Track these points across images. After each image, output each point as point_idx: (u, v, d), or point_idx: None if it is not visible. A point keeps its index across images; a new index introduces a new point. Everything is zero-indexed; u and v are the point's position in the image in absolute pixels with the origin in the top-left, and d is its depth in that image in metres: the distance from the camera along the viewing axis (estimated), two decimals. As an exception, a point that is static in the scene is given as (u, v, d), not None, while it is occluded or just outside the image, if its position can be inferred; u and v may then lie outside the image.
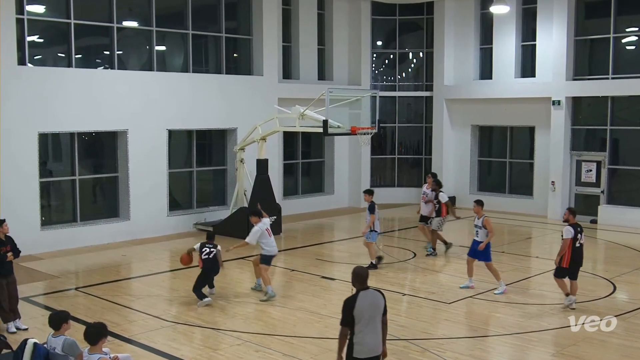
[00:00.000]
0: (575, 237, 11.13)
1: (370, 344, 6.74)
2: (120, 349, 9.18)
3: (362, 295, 6.81)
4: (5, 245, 10.07)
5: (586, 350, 9.34)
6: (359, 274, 6.97)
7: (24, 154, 15.21)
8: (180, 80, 18.15)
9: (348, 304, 6.78)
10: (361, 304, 6.73)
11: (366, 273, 7.02)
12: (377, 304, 6.85)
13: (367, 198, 14.01)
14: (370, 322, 6.74)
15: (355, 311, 6.70)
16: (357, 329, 6.70)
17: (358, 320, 6.69)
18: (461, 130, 23.05)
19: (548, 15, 20.35)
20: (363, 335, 6.70)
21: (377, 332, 6.81)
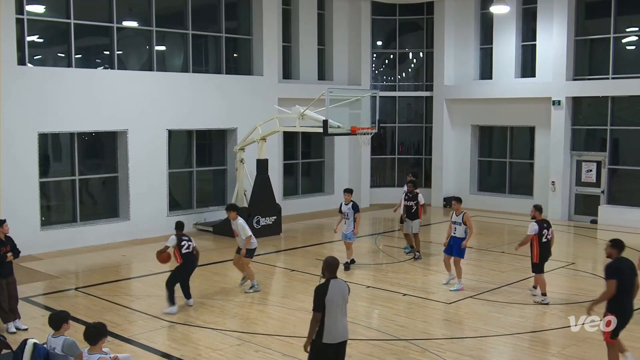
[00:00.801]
0: (541, 233, 11.54)
1: (338, 329, 7.22)
2: (120, 349, 9.18)
3: (332, 284, 7.23)
4: (5, 245, 10.07)
5: (586, 350, 9.34)
6: (331, 263, 7.37)
7: (24, 154, 15.20)
8: (180, 80, 18.15)
9: (320, 290, 7.17)
10: (332, 292, 7.17)
11: (337, 263, 7.44)
12: (344, 292, 7.35)
13: (350, 198, 13.91)
14: (338, 309, 7.19)
15: (327, 297, 7.11)
16: (327, 315, 7.11)
17: (329, 307, 7.11)
18: (461, 130, 23.05)
19: (548, 15, 20.34)
20: (332, 322, 7.12)
21: (344, 319, 7.31)
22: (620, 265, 8.13)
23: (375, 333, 10.17)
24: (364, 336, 9.99)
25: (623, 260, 8.21)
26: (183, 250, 11.17)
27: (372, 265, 14.83)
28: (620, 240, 8.37)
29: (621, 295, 7.98)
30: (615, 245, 8.26)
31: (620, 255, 8.22)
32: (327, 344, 7.17)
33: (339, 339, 7.27)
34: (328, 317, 7.13)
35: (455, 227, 12.42)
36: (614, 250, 8.25)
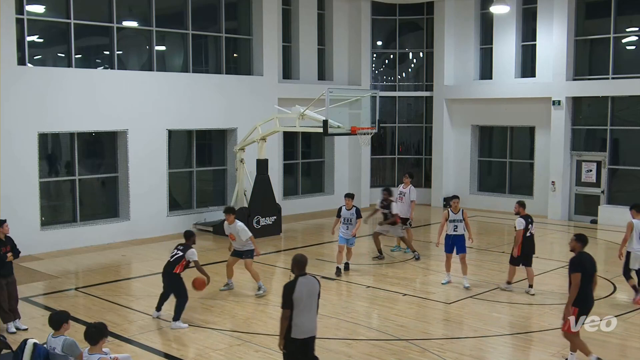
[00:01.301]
0: (526, 228, 12.00)
1: (307, 325, 7.40)
2: (120, 349, 9.18)
3: (300, 281, 7.35)
4: (5, 245, 10.07)
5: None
6: (299, 260, 7.49)
7: (24, 154, 15.20)
8: (180, 80, 18.15)
9: (288, 288, 7.31)
10: (300, 289, 7.29)
11: (306, 260, 7.54)
12: (314, 289, 7.44)
13: (351, 203, 13.69)
14: (307, 305, 7.34)
15: (294, 295, 7.25)
16: (295, 312, 7.28)
17: (297, 303, 7.27)
18: (461, 130, 23.05)
19: (548, 15, 20.35)
20: (300, 318, 7.30)
21: (313, 315, 7.47)
22: (582, 259, 8.49)
23: (375, 333, 10.17)
24: (364, 336, 9.99)
25: (585, 255, 8.59)
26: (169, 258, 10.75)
27: (372, 265, 14.82)
28: (584, 235, 8.80)
29: (583, 287, 8.33)
30: (580, 240, 8.66)
31: (583, 250, 8.60)
32: (295, 338, 7.37)
33: (307, 335, 7.45)
34: (296, 314, 7.30)
35: (456, 225, 12.58)
36: (578, 244, 8.63)
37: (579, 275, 8.29)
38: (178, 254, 10.62)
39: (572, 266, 8.43)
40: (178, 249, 10.74)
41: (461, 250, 12.66)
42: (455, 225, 12.57)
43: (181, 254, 10.61)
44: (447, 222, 12.68)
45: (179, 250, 10.71)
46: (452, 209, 12.62)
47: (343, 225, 13.62)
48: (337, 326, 10.41)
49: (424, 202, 23.49)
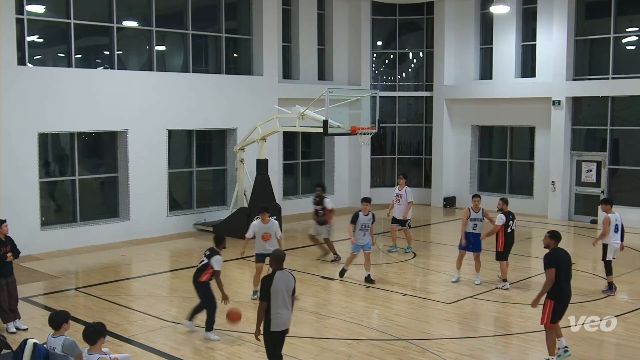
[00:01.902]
0: (507, 224, 12.36)
1: (283, 318, 7.66)
2: (120, 349, 9.18)
3: (278, 275, 7.67)
4: (5, 245, 10.07)
5: (586, 350, 9.35)
6: (277, 255, 7.85)
7: (24, 154, 15.20)
8: (180, 80, 18.15)
9: (266, 281, 7.62)
10: (277, 282, 7.59)
11: (283, 255, 7.92)
12: (290, 284, 7.74)
13: (368, 207, 13.01)
14: (283, 299, 7.62)
15: (272, 288, 7.54)
16: (273, 306, 7.56)
17: (275, 297, 7.55)
18: (461, 130, 23.05)
19: (548, 15, 20.35)
20: (278, 311, 7.59)
21: (289, 309, 7.72)
22: (557, 255, 8.69)
23: (375, 333, 10.17)
24: (364, 336, 9.99)
25: (559, 250, 8.78)
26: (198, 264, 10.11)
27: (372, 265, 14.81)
28: (558, 232, 8.95)
29: (559, 281, 8.56)
30: (553, 237, 8.84)
31: (557, 246, 8.79)
32: (273, 331, 7.66)
33: (282, 327, 7.72)
34: (274, 306, 7.57)
35: (475, 224, 12.75)
36: (551, 240, 8.81)
37: (554, 271, 8.52)
38: (204, 261, 9.86)
39: (547, 262, 8.65)
40: (205, 255, 9.96)
41: (478, 249, 12.82)
42: (475, 223, 12.73)
43: (207, 261, 9.83)
44: (467, 221, 12.76)
45: (206, 256, 9.93)
46: (472, 208, 12.77)
47: (360, 231, 12.88)
48: (337, 326, 10.42)
49: (423, 202, 23.51)
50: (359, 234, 12.87)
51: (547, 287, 8.59)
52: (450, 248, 15.84)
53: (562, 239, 8.97)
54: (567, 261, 8.79)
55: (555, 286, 8.55)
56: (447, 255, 15.36)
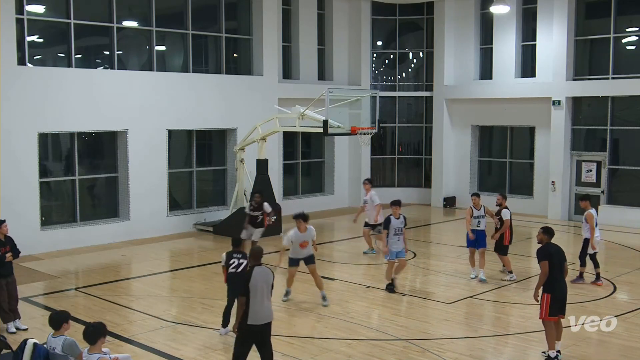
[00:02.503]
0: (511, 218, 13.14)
1: (261, 312, 7.84)
2: (120, 349, 9.18)
3: (256, 270, 7.89)
4: (5, 245, 10.07)
5: (586, 350, 9.35)
6: (255, 251, 8.13)
7: (24, 154, 15.20)
8: (180, 80, 18.15)
9: (245, 277, 7.89)
10: (255, 278, 7.82)
11: (261, 251, 8.14)
12: (268, 278, 7.93)
13: (399, 210, 12.36)
14: (262, 294, 7.81)
15: (250, 283, 7.77)
16: (251, 301, 7.77)
17: (253, 292, 7.77)
18: (461, 130, 23.05)
19: (548, 15, 20.34)
20: (256, 306, 7.77)
21: (268, 303, 7.92)
22: (549, 249, 8.99)
23: (375, 333, 10.16)
24: (364, 336, 9.99)
25: (552, 245, 9.07)
26: (230, 269, 9.87)
27: (372, 265, 14.83)
28: (551, 228, 9.23)
29: (553, 274, 8.84)
30: (546, 232, 9.14)
31: (550, 241, 9.07)
32: (251, 325, 7.81)
33: (263, 321, 7.88)
34: (253, 301, 7.76)
35: (479, 221, 13.14)
36: (544, 236, 9.11)
37: (547, 264, 8.80)
38: (242, 262, 9.80)
39: (540, 255, 8.93)
40: (238, 258, 9.85)
41: (483, 245, 13.11)
42: (478, 221, 13.13)
43: (245, 261, 9.81)
44: (471, 219, 13.14)
45: (240, 259, 9.85)
46: (474, 206, 13.19)
47: (394, 237, 12.18)
48: (337, 326, 10.41)
49: (423, 202, 23.53)
50: (393, 239, 12.20)
51: (542, 279, 8.87)
52: (451, 248, 15.86)
53: (554, 234, 9.19)
54: (559, 255, 9.03)
55: (550, 279, 8.82)
56: (447, 255, 15.37)
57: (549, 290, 8.85)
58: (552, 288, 8.85)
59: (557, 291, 8.86)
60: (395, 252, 12.21)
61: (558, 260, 8.96)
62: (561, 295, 8.92)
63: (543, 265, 8.84)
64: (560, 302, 8.91)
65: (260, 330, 7.87)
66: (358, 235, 18.13)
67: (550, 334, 8.90)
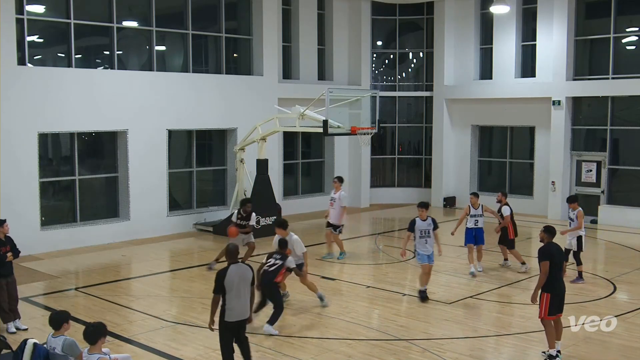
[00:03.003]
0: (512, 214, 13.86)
1: (238, 309, 7.96)
2: (120, 349, 9.18)
3: (232, 268, 8.01)
4: (5, 245, 10.07)
5: (586, 350, 9.35)
6: (230, 250, 8.23)
7: (24, 154, 15.20)
8: (180, 80, 18.15)
9: (220, 274, 7.98)
10: (231, 275, 7.93)
11: (236, 248, 8.26)
12: (245, 276, 8.05)
13: (425, 213, 11.82)
14: (238, 291, 7.93)
15: (225, 281, 7.89)
16: (227, 297, 7.90)
17: (229, 289, 7.88)
18: (461, 130, 23.05)
19: (548, 15, 20.35)
20: (232, 303, 7.91)
21: (245, 300, 8.04)
22: (550, 248, 9.01)
23: (376, 333, 10.17)
24: (364, 336, 9.99)
25: (553, 244, 9.09)
26: (265, 267, 10.36)
27: (372, 265, 14.82)
28: (552, 227, 9.28)
29: (553, 274, 8.87)
30: (547, 231, 9.17)
31: (551, 241, 9.10)
32: (228, 322, 7.96)
33: (239, 317, 8.02)
34: (229, 298, 7.91)
35: (477, 220, 13.69)
36: (546, 235, 9.14)
37: (547, 263, 8.82)
38: (277, 263, 10.33)
39: (541, 255, 8.94)
40: (275, 258, 10.42)
41: (481, 241, 13.80)
42: (476, 219, 13.69)
43: (281, 263, 10.36)
44: (467, 217, 13.75)
45: (277, 259, 10.40)
46: (472, 205, 13.72)
47: (420, 239, 11.71)
48: (337, 326, 10.41)
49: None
50: (420, 242, 11.71)
51: (542, 279, 8.89)
52: (451, 248, 15.84)
53: (556, 233, 9.24)
54: (560, 255, 9.11)
55: (549, 278, 8.85)
56: (447, 255, 15.35)
57: (549, 290, 8.89)
58: (551, 287, 8.88)
59: (556, 290, 8.91)
60: (425, 255, 11.72)
61: (558, 260, 9.00)
62: (560, 294, 8.98)
63: (543, 265, 8.85)
64: (559, 301, 8.96)
65: (236, 326, 8.07)
66: (358, 236, 18.17)
67: (550, 333, 8.94)
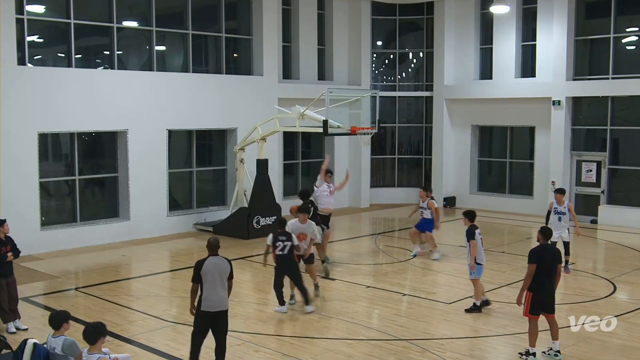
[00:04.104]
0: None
1: (212, 300, 8.22)
2: (120, 349, 9.18)
3: (209, 259, 8.34)
4: (5, 245, 10.07)
5: (586, 350, 9.35)
6: (211, 243, 8.46)
7: (24, 154, 15.20)
8: (180, 80, 18.15)
9: (197, 264, 8.33)
10: (207, 266, 8.25)
11: (216, 242, 8.46)
12: (222, 268, 8.32)
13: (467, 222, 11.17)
14: (213, 282, 8.20)
15: (202, 271, 8.22)
16: (204, 287, 8.22)
17: (205, 279, 8.21)
18: (461, 130, 23.05)
19: (548, 15, 20.35)
20: (208, 293, 8.21)
21: (220, 291, 8.27)
22: (541, 251, 8.96)
23: (376, 333, 10.17)
24: (364, 336, 9.99)
25: (547, 247, 9.06)
26: (277, 251, 10.82)
27: (372, 265, 14.83)
28: (548, 228, 9.30)
29: (539, 276, 8.84)
30: (542, 232, 9.14)
31: (546, 242, 9.05)
32: (204, 311, 8.23)
33: (215, 308, 8.25)
34: (205, 288, 8.21)
35: (422, 211, 15.14)
36: (540, 236, 9.12)
37: (534, 267, 8.80)
38: (287, 244, 10.77)
39: (529, 257, 8.95)
40: (283, 241, 10.79)
41: (428, 229, 15.03)
42: (422, 210, 15.14)
43: (291, 243, 10.80)
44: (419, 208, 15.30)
45: (284, 241, 10.79)
46: (421, 198, 15.20)
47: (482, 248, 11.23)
48: (337, 326, 10.42)
49: (424, 202, 23.52)
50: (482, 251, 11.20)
51: (526, 281, 8.90)
52: (451, 248, 15.86)
53: (552, 235, 9.22)
54: (551, 258, 8.98)
55: (535, 280, 8.83)
56: (447, 255, 15.37)
57: (532, 289, 8.87)
58: (534, 288, 8.85)
59: (539, 293, 8.85)
60: (482, 266, 11.17)
61: (548, 263, 8.88)
62: (542, 296, 8.88)
63: (530, 267, 8.82)
64: (542, 303, 8.90)
65: (212, 316, 8.27)
66: (358, 235, 18.17)
67: (531, 332, 8.96)
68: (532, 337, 8.97)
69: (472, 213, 11.18)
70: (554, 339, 9.05)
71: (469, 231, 10.95)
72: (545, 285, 8.89)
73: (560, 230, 13.50)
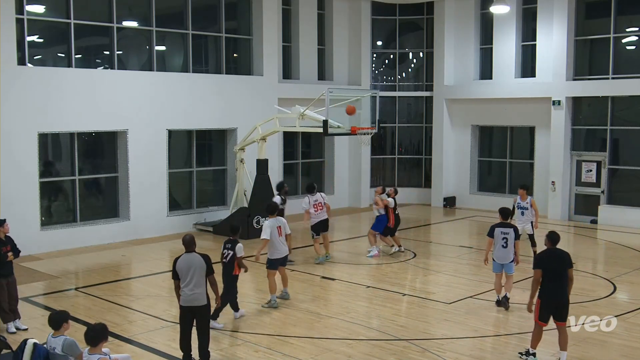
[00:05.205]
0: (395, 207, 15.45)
1: (188, 295, 8.51)
2: (120, 349, 9.19)
3: (183, 257, 8.63)
4: (5, 245, 10.07)
5: (586, 350, 9.35)
6: (186, 240, 8.72)
7: (24, 154, 15.20)
8: (180, 80, 18.15)
9: (174, 261, 8.69)
10: (180, 263, 8.59)
11: (190, 238, 8.70)
12: (194, 264, 8.52)
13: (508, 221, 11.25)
14: (188, 278, 8.48)
15: (177, 267, 8.58)
16: (181, 283, 8.55)
17: (180, 275, 8.56)
18: (461, 130, 23.05)
19: (548, 15, 20.34)
20: (183, 289, 8.54)
21: (197, 288, 8.49)
22: (545, 257, 8.83)
23: (375, 333, 10.17)
24: (364, 336, 9.99)
25: (553, 252, 8.85)
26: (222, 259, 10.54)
27: (372, 265, 14.82)
28: (555, 234, 9.00)
29: (546, 281, 8.68)
30: (548, 237, 8.98)
31: (553, 247, 8.87)
32: (182, 306, 8.60)
33: (189, 304, 8.53)
34: (182, 284, 8.55)
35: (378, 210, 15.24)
36: (547, 241, 8.97)
37: (539, 272, 8.68)
38: (229, 253, 10.35)
39: (534, 262, 8.91)
40: (227, 248, 10.42)
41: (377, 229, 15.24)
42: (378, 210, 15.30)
43: (232, 253, 10.32)
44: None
45: (229, 249, 10.39)
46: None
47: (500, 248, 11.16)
48: (337, 326, 10.42)
49: (423, 202, 23.53)
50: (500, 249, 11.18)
51: (534, 287, 8.80)
52: (451, 248, 15.87)
53: (559, 240, 8.92)
54: (559, 263, 8.70)
55: (543, 285, 8.71)
56: (447, 255, 15.38)
57: (540, 296, 8.72)
58: (541, 294, 8.70)
59: (545, 299, 8.66)
60: (500, 265, 11.28)
61: (553, 268, 8.63)
62: (549, 302, 8.67)
63: (535, 273, 8.67)
64: (550, 309, 8.68)
65: (190, 311, 8.55)
66: (357, 236, 18.17)
67: (535, 335, 8.86)
68: (534, 339, 8.87)
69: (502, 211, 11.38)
70: (561, 349, 8.78)
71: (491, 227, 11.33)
72: (554, 291, 8.64)
73: (523, 224, 14.34)
